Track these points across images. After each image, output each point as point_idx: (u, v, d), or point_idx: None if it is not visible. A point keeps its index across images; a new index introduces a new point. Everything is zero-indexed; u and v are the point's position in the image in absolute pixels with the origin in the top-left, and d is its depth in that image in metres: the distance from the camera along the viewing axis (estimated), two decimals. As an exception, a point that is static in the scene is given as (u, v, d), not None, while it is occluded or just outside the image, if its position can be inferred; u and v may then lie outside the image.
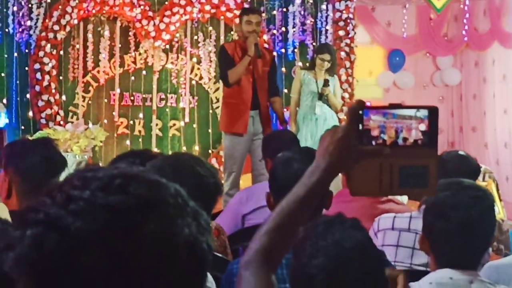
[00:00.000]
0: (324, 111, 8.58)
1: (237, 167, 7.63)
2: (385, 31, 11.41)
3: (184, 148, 9.90)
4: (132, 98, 9.93)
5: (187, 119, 10.09)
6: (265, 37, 9.96)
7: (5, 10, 9.16)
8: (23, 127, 9.22)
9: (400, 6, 11.41)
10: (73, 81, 9.68)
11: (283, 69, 10.05)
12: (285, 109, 8.65)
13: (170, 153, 7.13)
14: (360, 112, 1.71)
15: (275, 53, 9.12)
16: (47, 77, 9.37)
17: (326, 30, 10.48)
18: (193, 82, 10.17)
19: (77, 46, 9.64)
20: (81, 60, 9.69)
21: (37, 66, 9.33)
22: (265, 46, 8.93)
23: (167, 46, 10.01)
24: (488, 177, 7.57)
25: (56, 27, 9.39)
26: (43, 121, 9.28)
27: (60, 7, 9.38)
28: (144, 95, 9.98)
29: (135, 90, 9.95)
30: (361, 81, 10.82)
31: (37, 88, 9.32)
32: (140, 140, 9.86)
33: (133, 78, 9.92)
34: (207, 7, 10.03)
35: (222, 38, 10.14)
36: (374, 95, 10.98)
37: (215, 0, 10.02)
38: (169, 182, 1.11)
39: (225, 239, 3.88)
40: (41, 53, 9.33)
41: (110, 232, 1.00)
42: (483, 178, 7.34)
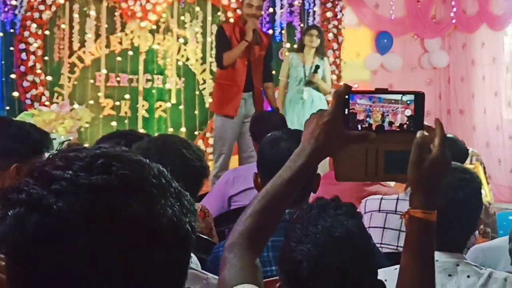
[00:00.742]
0: (312, 95, 8.56)
1: (227, 149, 7.61)
2: (373, 13, 11.38)
3: (171, 130, 9.87)
4: (118, 79, 9.88)
5: (174, 101, 10.05)
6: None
7: (-10, -11, 9.10)
8: (8, 108, 9.17)
9: (388, -12, 11.40)
10: (59, 62, 9.62)
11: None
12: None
13: (157, 135, 7.11)
14: (346, 97, 1.70)
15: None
16: (33, 57, 9.31)
17: (314, 12, 10.46)
18: (180, 63, 10.14)
19: (63, 26, 9.57)
20: (67, 41, 9.62)
21: (22, 46, 9.27)
22: (263, 30, 8.86)
23: (154, 27, 9.96)
24: (476, 160, 7.57)
25: (42, 7, 9.33)
26: (28, 102, 9.24)
27: (46, -14, 9.31)
28: (130, 76, 9.94)
29: (121, 71, 9.90)
30: (349, 63, 10.83)
31: (22, 69, 9.27)
32: (126, 121, 9.82)
33: (119, 59, 9.87)
34: (194, -12, 9.99)
35: (209, 19, 10.10)
36: (362, 77, 10.96)
37: (202, -19, 9.98)
38: (152, 163, 1.10)
39: (211, 221, 3.86)
40: (26, 33, 9.26)
41: (93, 213, 0.99)
42: (471, 161, 7.34)
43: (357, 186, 4.35)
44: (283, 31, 10.35)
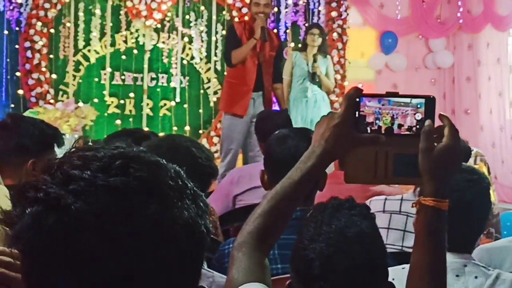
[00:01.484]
0: (315, 93, 8.56)
1: (234, 148, 7.58)
2: (378, 13, 11.37)
3: (175, 128, 9.87)
4: (123, 78, 9.89)
5: (178, 99, 10.05)
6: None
7: (-5, -13, 9.11)
8: (13, 105, 9.18)
9: (393, -12, 11.39)
10: (64, 60, 9.62)
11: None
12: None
13: (166, 134, 7.11)
14: (357, 99, 1.71)
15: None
16: (38, 56, 9.32)
17: (319, 11, 10.46)
18: (184, 62, 10.14)
19: (68, 25, 9.57)
20: (72, 39, 9.62)
21: (28, 44, 9.27)
22: (274, 31, 8.85)
23: (159, 26, 9.96)
24: (480, 160, 7.55)
25: (47, 5, 9.33)
26: (33, 100, 9.24)
27: (51, -15, 9.32)
28: (135, 75, 9.94)
29: (126, 70, 9.91)
30: (353, 63, 10.82)
31: (27, 66, 9.27)
32: (131, 120, 9.82)
33: (124, 57, 9.87)
34: (199, -13, 10.00)
35: (214, 18, 10.10)
36: (366, 77, 10.95)
37: (207, -20, 9.98)
38: (169, 164, 1.10)
39: (216, 220, 3.87)
40: (32, 31, 9.27)
41: (110, 214, 1.00)
42: (475, 161, 7.32)
43: (362, 186, 4.33)
44: (288, 31, 10.35)
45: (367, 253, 1.96)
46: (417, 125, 1.72)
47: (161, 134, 6.63)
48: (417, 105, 1.72)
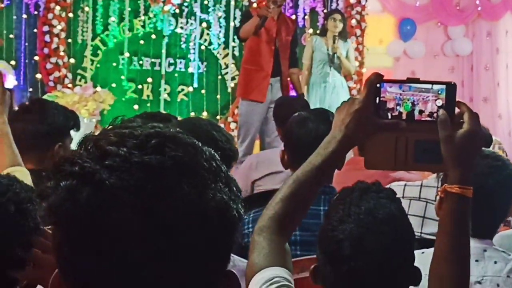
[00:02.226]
0: (334, 79, 8.54)
1: (252, 134, 7.58)
2: (397, 0, 11.32)
3: (192, 114, 9.87)
4: (141, 63, 9.89)
5: (196, 85, 10.06)
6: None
7: (15, -29, 9.12)
8: (31, 89, 9.21)
9: (413, -26, 11.34)
10: (82, 44, 9.63)
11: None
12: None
13: (185, 118, 7.11)
14: (378, 85, 1.70)
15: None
16: (56, 40, 9.32)
17: (338, -3, 10.42)
18: (202, 48, 10.13)
19: (86, 9, 9.57)
20: (90, 23, 9.63)
21: (46, 29, 9.28)
22: (290, 16, 8.84)
23: (177, 11, 9.95)
24: (498, 148, 7.53)
25: (66, -11, 9.34)
26: (51, 84, 9.26)
27: (70, -31, 9.33)
28: (153, 60, 9.95)
29: (144, 55, 9.91)
30: (371, 50, 10.79)
31: (46, 51, 9.28)
32: (148, 105, 9.83)
33: (142, 42, 9.88)
34: (218, -28, 9.98)
35: (232, 4, 10.09)
36: (384, 64, 10.92)
37: (226, -35, 9.97)
38: (204, 146, 1.10)
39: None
40: (50, 15, 9.27)
41: (143, 191, 0.99)
42: (493, 149, 7.29)
43: (382, 172, 4.32)
44: (306, 17, 10.32)
45: (397, 234, 1.96)
46: (438, 111, 1.71)
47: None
48: (438, 91, 1.72)
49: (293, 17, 9.78)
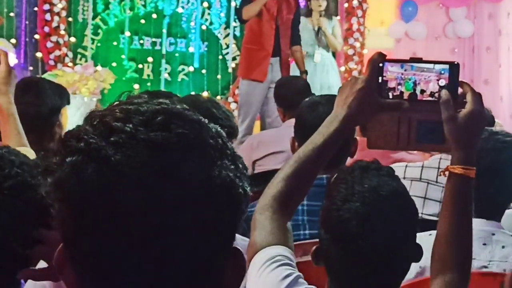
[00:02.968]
0: (323, 58, 8.53)
1: (252, 114, 7.56)
2: (398, -20, 11.29)
3: (193, 94, 9.86)
4: (142, 42, 9.88)
5: (196, 65, 10.04)
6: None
7: (15, -51, 9.09)
8: (31, 68, 9.20)
9: (415, -45, 11.28)
10: (82, 23, 9.62)
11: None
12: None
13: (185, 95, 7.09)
14: (381, 65, 1.70)
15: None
16: (57, 18, 9.30)
17: (339, -22, 10.37)
18: (203, 27, 10.11)
19: (87, -12, 9.56)
20: (91, 2, 9.61)
21: (47, 7, 9.25)
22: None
23: (178, -10, 9.93)
24: (499, 131, 7.52)
25: (67, -33, 9.31)
26: (52, 63, 9.25)
27: None
28: (154, 39, 9.94)
29: (145, 34, 9.90)
30: (373, 31, 10.77)
31: (46, 29, 9.26)
32: (149, 84, 9.83)
33: (143, 22, 9.86)
34: (220, -49, 9.95)
35: (234, -17, 10.05)
36: (385, 45, 10.87)
37: None
38: (211, 123, 1.09)
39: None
40: (51, -6, 9.25)
41: (149, 168, 0.99)
42: (494, 131, 7.29)
43: (383, 153, 4.31)
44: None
45: (402, 211, 1.95)
46: (440, 91, 1.70)
47: (180, 99, 6.62)
48: (441, 71, 1.71)
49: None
